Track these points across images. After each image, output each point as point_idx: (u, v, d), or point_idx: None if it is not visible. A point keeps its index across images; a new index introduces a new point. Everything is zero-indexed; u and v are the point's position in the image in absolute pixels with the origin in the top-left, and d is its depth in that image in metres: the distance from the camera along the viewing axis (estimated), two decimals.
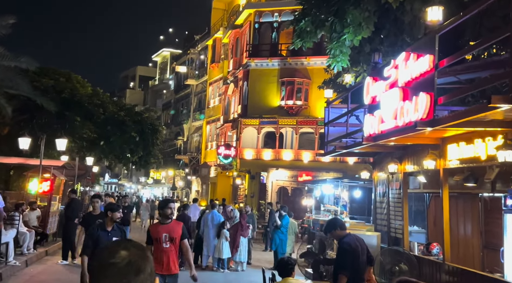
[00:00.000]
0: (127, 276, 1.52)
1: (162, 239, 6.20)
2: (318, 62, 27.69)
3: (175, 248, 6.30)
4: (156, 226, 6.48)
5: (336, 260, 5.81)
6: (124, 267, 1.53)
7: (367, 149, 8.81)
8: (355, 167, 25.01)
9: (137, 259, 1.56)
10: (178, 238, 6.31)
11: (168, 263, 6.18)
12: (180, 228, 6.40)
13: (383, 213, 9.42)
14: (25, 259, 11.84)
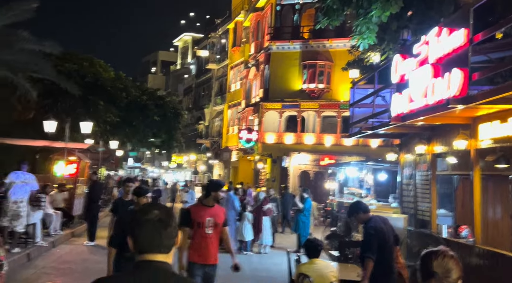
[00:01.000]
0: (159, 229, 1.99)
1: (205, 224, 5.52)
2: (340, 45, 27.25)
3: (217, 235, 5.66)
4: (198, 208, 5.74)
5: (362, 244, 5.71)
6: (157, 222, 1.99)
7: (394, 129, 8.62)
8: (378, 150, 24.71)
9: (165, 216, 2.02)
10: (221, 224, 5.70)
11: (209, 251, 5.55)
12: (223, 213, 5.83)
13: (409, 195, 9.25)
14: (52, 240, 12.04)
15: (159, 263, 1.98)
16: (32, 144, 17.08)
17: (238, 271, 5.70)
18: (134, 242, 2.00)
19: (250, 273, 10.23)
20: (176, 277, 2.05)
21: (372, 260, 5.32)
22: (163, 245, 1.98)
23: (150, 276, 1.95)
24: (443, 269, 2.47)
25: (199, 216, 5.56)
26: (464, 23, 5.78)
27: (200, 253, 5.53)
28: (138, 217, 2.03)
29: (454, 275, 2.47)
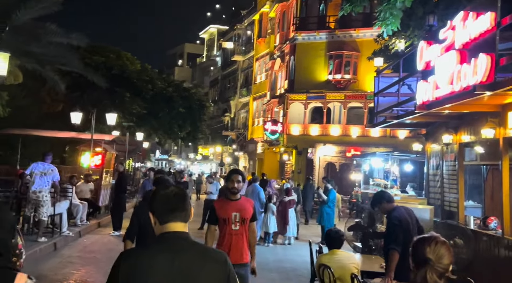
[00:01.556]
0: (177, 201, 2.33)
1: (231, 219, 5.08)
2: (367, 34, 26.81)
3: (245, 231, 5.17)
4: (223, 203, 5.31)
5: (386, 235, 5.57)
6: (174, 196, 2.34)
7: (420, 118, 8.40)
8: (406, 141, 24.28)
9: (180, 191, 2.40)
10: (249, 219, 5.21)
11: (237, 249, 5.06)
12: (252, 207, 5.29)
13: (436, 186, 9.03)
14: (79, 230, 12.24)
15: (180, 232, 2.28)
16: (60, 135, 17.40)
17: (253, 275, 5.30)
18: (156, 214, 2.32)
19: (274, 265, 10.21)
20: (198, 245, 2.34)
21: (398, 252, 5.18)
22: (181, 215, 2.31)
23: (175, 244, 2.24)
24: (436, 255, 2.47)
25: (224, 212, 5.12)
26: (491, 7, 5.54)
27: (227, 251, 4.95)
28: (158, 193, 2.40)
29: (445, 261, 2.49)
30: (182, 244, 2.26)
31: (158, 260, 2.20)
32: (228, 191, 5.27)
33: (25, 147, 18.31)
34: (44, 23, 15.27)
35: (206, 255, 2.33)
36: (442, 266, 2.47)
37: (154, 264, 2.18)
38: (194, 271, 2.22)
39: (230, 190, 5.22)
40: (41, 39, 15.03)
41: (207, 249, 2.49)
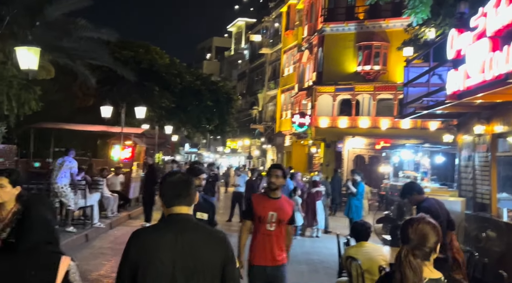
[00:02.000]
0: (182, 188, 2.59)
1: (267, 219, 4.72)
2: (397, 24, 26.26)
3: (282, 232, 4.80)
4: (261, 199, 4.89)
5: None
6: (180, 182, 2.62)
7: (451, 109, 8.20)
8: (437, 133, 23.79)
9: (186, 178, 2.67)
10: (287, 221, 4.82)
11: (270, 250, 4.71)
12: (291, 208, 4.90)
13: (468, 178, 8.81)
14: (109, 222, 12.47)
15: (184, 214, 2.56)
16: (91, 129, 17.74)
17: None
18: (163, 198, 2.62)
19: (302, 257, 10.20)
20: (200, 226, 2.63)
21: None
22: (186, 200, 2.58)
23: (179, 224, 2.52)
24: (417, 235, 2.44)
25: (261, 209, 4.74)
26: None
27: (261, 253, 4.73)
28: (165, 179, 2.68)
29: (430, 240, 2.45)
30: (186, 225, 2.54)
31: (163, 238, 2.48)
32: (267, 187, 4.90)
33: (58, 141, 18.75)
34: (75, 19, 15.54)
35: (207, 234, 2.59)
36: (427, 245, 2.42)
37: (160, 242, 2.46)
38: (195, 248, 2.49)
39: (268, 186, 4.87)
40: (71, 34, 15.27)
41: (208, 229, 2.71)
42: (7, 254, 2.57)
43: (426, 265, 2.45)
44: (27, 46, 8.24)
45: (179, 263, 2.45)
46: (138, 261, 2.44)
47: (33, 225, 2.58)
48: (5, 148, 14.74)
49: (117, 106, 17.49)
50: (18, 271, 2.46)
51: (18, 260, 2.48)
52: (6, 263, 2.49)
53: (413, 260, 2.38)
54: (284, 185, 4.87)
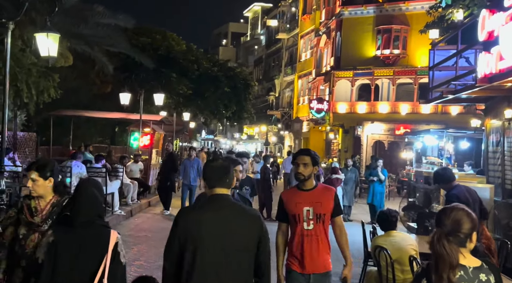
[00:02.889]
0: (222, 172, 2.99)
1: (302, 217, 3.97)
2: (418, 7, 25.79)
3: (324, 231, 4.01)
4: (291, 194, 4.15)
5: None
6: (220, 167, 3.02)
7: (480, 93, 7.93)
8: (458, 117, 23.34)
9: (226, 164, 3.04)
10: (329, 214, 4.03)
11: (312, 255, 3.97)
12: (332, 197, 4.07)
13: (496, 163, 8.55)
14: (130, 209, 12.48)
15: (222, 195, 2.97)
16: (109, 116, 17.75)
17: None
18: (206, 181, 3.04)
19: None
20: (237, 205, 3.04)
21: None
22: (224, 182, 2.98)
23: (218, 204, 2.94)
24: (451, 220, 2.46)
25: (293, 206, 4.01)
26: None
27: (300, 258, 4.00)
28: (209, 164, 3.10)
29: (465, 226, 2.45)
30: (224, 203, 2.95)
31: (205, 216, 2.90)
32: (296, 178, 4.10)
33: (77, 128, 18.82)
34: (92, 5, 15.47)
35: (242, 211, 3.00)
36: (461, 231, 2.42)
37: (202, 219, 2.88)
38: (232, 224, 2.88)
39: (296, 177, 4.07)
40: (89, 21, 15.23)
41: (244, 207, 3.10)
42: (66, 227, 2.93)
43: (462, 252, 2.43)
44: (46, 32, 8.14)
45: (218, 237, 2.83)
46: (185, 236, 2.85)
47: (84, 203, 2.95)
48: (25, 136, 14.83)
49: (135, 93, 17.44)
50: (78, 242, 2.86)
51: (77, 233, 2.88)
52: (67, 235, 2.88)
53: (446, 243, 2.39)
54: (316, 173, 4.10)
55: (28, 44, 12.28)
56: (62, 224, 3.01)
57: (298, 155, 4.11)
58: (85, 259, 2.85)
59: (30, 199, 3.43)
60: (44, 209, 3.42)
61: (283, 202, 4.13)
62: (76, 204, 2.98)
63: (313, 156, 4.08)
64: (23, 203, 3.44)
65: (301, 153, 4.18)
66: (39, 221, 3.38)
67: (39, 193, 3.42)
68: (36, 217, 3.38)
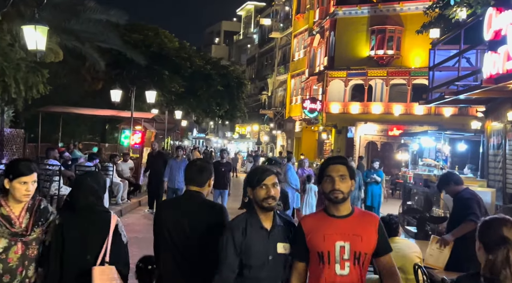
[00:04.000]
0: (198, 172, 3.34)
1: (334, 256, 2.79)
2: (412, 7, 25.71)
3: (362, 277, 2.84)
4: (317, 222, 2.91)
5: (462, 210, 5.04)
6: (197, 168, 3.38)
7: (481, 94, 7.74)
8: (452, 119, 23.33)
9: (201, 164, 3.41)
10: (371, 253, 2.86)
11: None
12: (376, 228, 2.88)
13: (497, 167, 8.38)
14: (120, 209, 12.16)
15: (193, 191, 3.34)
16: (99, 113, 17.41)
17: None
18: (185, 179, 3.40)
19: None
20: (202, 199, 3.33)
21: (475, 224, 4.70)
22: (197, 181, 3.33)
23: (187, 197, 3.36)
24: None
25: (320, 239, 2.82)
26: None
27: None
28: (189, 165, 3.47)
29: None
30: (191, 197, 3.33)
31: (175, 205, 3.41)
32: (325, 198, 2.96)
33: (66, 125, 18.45)
34: (83, 0, 15.15)
35: (208, 205, 3.32)
36: None
37: (172, 208, 3.38)
38: (193, 213, 3.24)
39: (326, 197, 2.89)
40: (80, 16, 14.93)
41: (209, 201, 3.38)
42: (70, 212, 3.25)
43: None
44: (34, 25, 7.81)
45: (182, 222, 3.20)
46: (163, 220, 3.29)
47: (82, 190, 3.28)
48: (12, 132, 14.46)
49: (127, 91, 17.12)
50: (81, 225, 3.18)
51: (80, 216, 3.20)
52: (71, 218, 3.20)
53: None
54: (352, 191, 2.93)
55: (16, 39, 11.92)
56: (66, 209, 3.35)
57: (332, 164, 2.87)
58: (88, 240, 3.16)
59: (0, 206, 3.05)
60: (20, 215, 3.08)
61: (304, 232, 2.88)
62: (75, 192, 3.34)
63: (350, 166, 2.93)
64: None
65: (335, 160, 2.94)
66: (21, 230, 3.05)
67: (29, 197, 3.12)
68: (15, 226, 3.04)
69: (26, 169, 3.10)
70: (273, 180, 2.94)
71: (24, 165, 3.14)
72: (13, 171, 3.07)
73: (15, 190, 3.04)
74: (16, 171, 3.06)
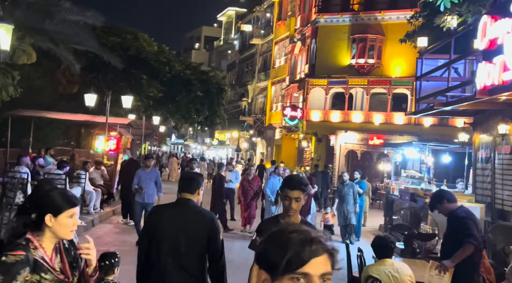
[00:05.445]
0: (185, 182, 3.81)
1: None
2: (393, 17, 25.70)
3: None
4: None
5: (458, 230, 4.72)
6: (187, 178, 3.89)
7: (470, 106, 7.48)
8: (432, 129, 23.28)
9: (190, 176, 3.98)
10: None
11: None
12: None
13: (486, 181, 8.12)
14: (91, 219, 11.58)
15: (184, 198, 3.68)
16: (73, 118, 16.76)
17: None
18: (178, 188, 3.77)
19: None
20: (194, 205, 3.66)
21: (474, 245, 4.38)
22: (188, 189, 3.69)
23: (179, 204, 3.72)
24: None
25: None
26: None
27: None
28: (182, 176, 4.13)
29: None
30: (183, 203, 3.63)
31: (168, 211, 3.71)
32: None
33: (38, 129, 17.72)
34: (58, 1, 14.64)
35: (199, 212, 3.66)
36: None
37: (166, 213, 3.67)
38: (188, 219, 3.54)
39: None
40: (55, 17, 14.43)
41: (200, 209, 3.76)
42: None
43: None
44: None
45: (175, 227, 3.49)
46: (153, 226, 3.56)
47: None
48: None
49: (103, 95, 16.52)
50: None
51: None
52: None
53: None
54: None
55: None
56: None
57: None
58: None
59: (35, 248, 2.44)
60: (51, 258, 2.52)
61: None
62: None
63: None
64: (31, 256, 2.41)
65: None
66: (64, 276, 2.50)
67: None
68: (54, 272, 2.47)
69: (74, 198, 2.58)
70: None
71: (69, 194, 2.61)
72: (58, 204, 2.51)
73: (61, 226, 2.50)
74: (62, 203, 2.51)
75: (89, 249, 2.59)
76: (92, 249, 2.63)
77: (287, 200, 3.07)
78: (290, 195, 2.98)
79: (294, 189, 3.04)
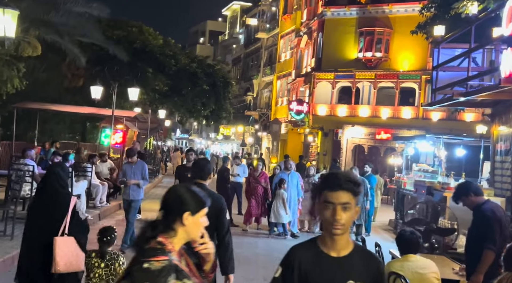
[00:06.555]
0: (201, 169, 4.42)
1: None
2: (401, 10, 25.38)
3: None
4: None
5: (480, 231, 4.51)
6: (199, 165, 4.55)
7: (490, 96, 7.23)
8: (440, 123, 23.05)
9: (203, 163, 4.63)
10: None
11: None
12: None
13: (505, 174, 7.88)
14: (98, 213, 11.41)
15: (201, 184, 4.21)
16: (80, 111, 16.60)
17: None
18: (191, 174, 4.58)
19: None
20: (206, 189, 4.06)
21: (494, 252, 4.17)
22: (200, 176, 4.36)
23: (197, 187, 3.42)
24: None
25: None
26: None
27: None
28: (195, 164, 4.70)
29: None
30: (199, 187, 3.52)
31: None
32: None
33: (44, 123, 17.59)
34: None
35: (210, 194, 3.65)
36: None
37: None
38: None
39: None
40: (60, 9, 14.23)
41: (210, 191, 4.09)
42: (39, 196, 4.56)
43: None
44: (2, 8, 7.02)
45: None
46: None
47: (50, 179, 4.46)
48: None
49: (108, 88, 16.34)
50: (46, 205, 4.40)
51: (46, 199, 4.44)
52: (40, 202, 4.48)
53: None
54: None
55: None
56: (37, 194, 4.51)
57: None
58: (52, 216, 4.32)
59: (169, 252, 2.13)
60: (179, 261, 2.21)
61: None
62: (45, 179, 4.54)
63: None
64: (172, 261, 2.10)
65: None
66: None
67: None
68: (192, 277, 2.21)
69: (206, 197, 2.31)
70: None
71: (201, 192, 2.33)
72: (198, 201, 2.25)
73: (196, 225, 2.23)
74: (201, 201, 2.26)
75: (206, 243, 2.30)
76: (209, 242, 2.32)
77: (327, 208, 2.09)
78: (333, 199, 2.06)
79: (339, 189, 2.08)
